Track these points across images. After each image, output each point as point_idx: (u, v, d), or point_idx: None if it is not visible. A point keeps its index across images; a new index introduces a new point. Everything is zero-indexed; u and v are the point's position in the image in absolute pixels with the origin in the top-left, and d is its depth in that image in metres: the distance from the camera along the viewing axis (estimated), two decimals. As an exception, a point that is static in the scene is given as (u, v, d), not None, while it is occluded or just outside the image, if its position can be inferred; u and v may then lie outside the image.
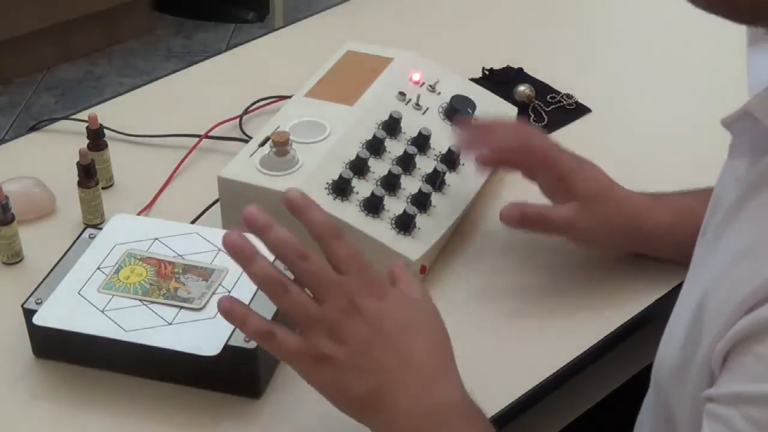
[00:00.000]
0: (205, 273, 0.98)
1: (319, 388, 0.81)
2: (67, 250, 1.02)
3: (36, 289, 0.97)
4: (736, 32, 0.75)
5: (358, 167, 1.07)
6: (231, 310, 0.80)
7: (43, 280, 0.98)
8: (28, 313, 0.95)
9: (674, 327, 0.82)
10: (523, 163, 1.06)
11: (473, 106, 1.18)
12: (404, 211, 1.04)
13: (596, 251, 1.09)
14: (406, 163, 1.10)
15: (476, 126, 1.11)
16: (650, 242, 1.05)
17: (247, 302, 0.94)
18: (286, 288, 0.79)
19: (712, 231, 0.80)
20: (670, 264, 1.08)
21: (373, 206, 1.04)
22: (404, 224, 1.04)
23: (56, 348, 0.97)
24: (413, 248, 1.03)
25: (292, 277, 0.80)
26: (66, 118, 1.30)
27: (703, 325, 0.74)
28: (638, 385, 1.12)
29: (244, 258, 0.79)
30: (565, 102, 1.32)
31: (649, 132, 1.29)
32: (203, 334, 0.92)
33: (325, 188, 1.04)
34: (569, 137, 1.27)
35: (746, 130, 0.73)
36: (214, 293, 0.96)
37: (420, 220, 1.05)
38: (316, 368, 0.80)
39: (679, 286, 1.05)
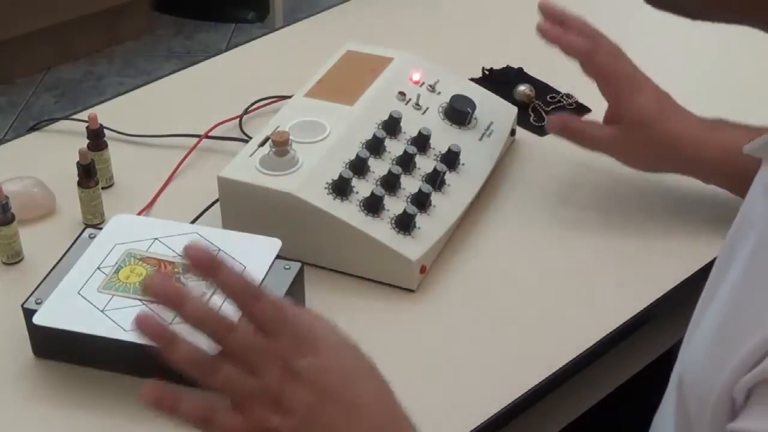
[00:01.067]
0: (205, 273, 0.97)
1: None
2: (67, 250, 1.02)
3: (36, 289, 0.97)
4: (736, 33, 0.75)
5: (358, 167, 1.07)
6: (157, 400, 0.71)
7: (43, 280, 0.98)
8: (28, 313, 0.95)
9: (699, 336, 0.78)
10: (585, 65, 1.11)
11: (473, 106, 1.18)
12: (404, 211, 1.04)
13: (601, 248, 1.09)
14: (406, 162, 1.10)
15: (559, 16, 1.11)
16: (693, 172, 1.08)
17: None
18: (216, 366, 0.71)
19: (743, 244, 0.77)
20: (670, 265, 1.08)
21: (373, 206, 1.04)
22: (404, 224, 1.04)
23: (56, 348, 0.97)
24: (413, 248, 1.04)
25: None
26: (66, 118, 1.30)
27: (724, 344, 0.72)
28: (638, 384, 1.12)
29: (162, 343, 0.71)
30: (565, 102, 1.32)
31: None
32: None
33: (325, 188, 1.04)
34: (569, 137, 1.27)
35: None
36: (214, 293, 0.95)
37: (420, 220, 1.05)
38: None
39: (678, 287, 1.06)
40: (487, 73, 1.36)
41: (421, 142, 1.12)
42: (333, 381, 0.73)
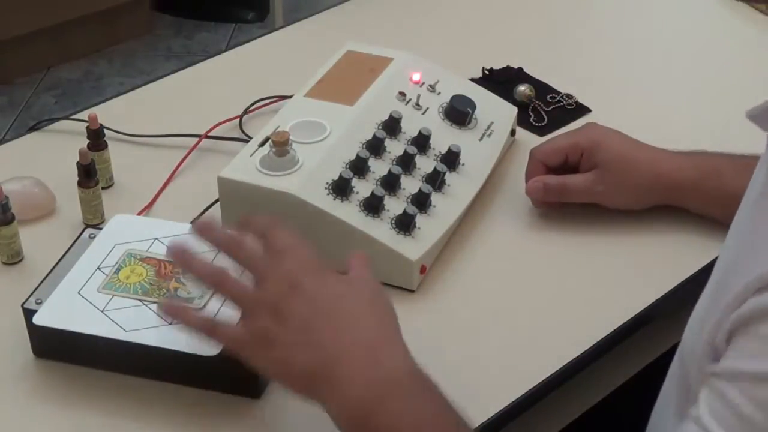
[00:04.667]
0: (205, 273, 0.97)
1: (264, 368, 0.84)
2: (67, 250, 1.02)
3: (36, 289, 0.97)
4: (736, 33, 0.75)
5: (358, 167, 1.07)
6: (169, 307, 0.88)
7: (43, 280, 0.98)
8: (28, 313, 0.95)
9: (699, 303, 0.83)
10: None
11: (473, 106, 1.18)
12: (404, 211, 1.04)
13: (601, 253, 1.09)
14: (406, 163, 1.10)
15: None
16: (675, 197, 1.11)
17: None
18: (225, 276, 0.85)
19: (745, 213, 0.81)
20: (670, 265, 1.08)
21: (373, 206, 1.04)
22: (404, 224, 1.04)
23: (56, 348, 0.97)
24: (413, 248, 1.04)
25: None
26: (66, 118, 1.30)
27: (713, 303, 0.76)
28: (638, 384, 1.12)
29: (183, 261, 0.87)
30: (565, 102, 1.32)
31: (649, 132, 1.29)
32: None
33: (325, 188, 1.04)
34: (569, 137, 1.27)
35: None
36: (214, 293, 0.95)
37: (420, 220, 1.05)
38: (260, 349, 0.83)
39: (678, 287, 1.06)
40: (487, 73, 1.36)
41: (421, 142, 1.12)
42: (331, 303, 0.83)
